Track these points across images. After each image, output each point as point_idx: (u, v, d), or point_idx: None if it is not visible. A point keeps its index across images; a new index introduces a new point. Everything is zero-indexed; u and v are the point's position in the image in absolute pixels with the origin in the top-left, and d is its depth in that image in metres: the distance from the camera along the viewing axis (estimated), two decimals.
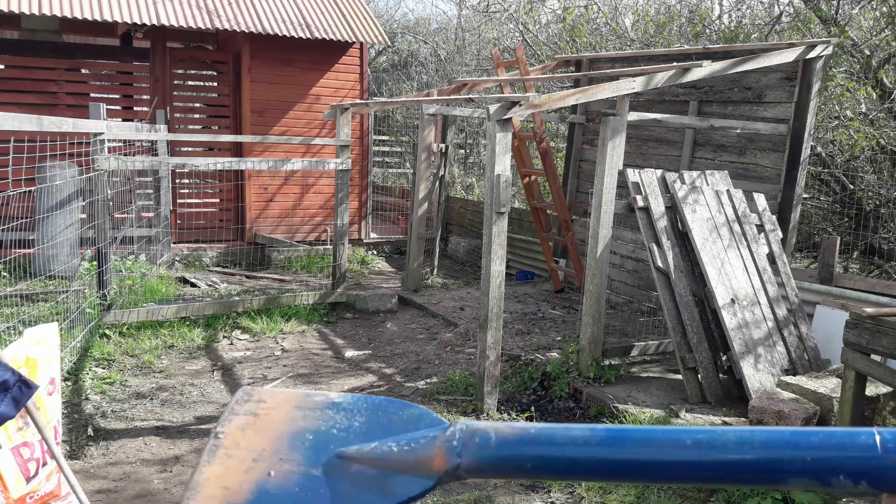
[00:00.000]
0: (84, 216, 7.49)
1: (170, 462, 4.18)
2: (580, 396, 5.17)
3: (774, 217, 5.68)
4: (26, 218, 5.71)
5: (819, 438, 0.69)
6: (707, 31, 10.35)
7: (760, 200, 5.62)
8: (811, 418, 4.05)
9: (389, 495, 0.83)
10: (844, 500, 3.66)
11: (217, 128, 10.19)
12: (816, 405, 4.13)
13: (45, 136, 5.25)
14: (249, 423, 0.90)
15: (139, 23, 8.51)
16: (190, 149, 10.14)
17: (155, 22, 8.57)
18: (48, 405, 2.96)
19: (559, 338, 6.30)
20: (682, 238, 5.29)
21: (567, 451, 0.77)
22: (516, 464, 0.79)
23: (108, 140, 6.24)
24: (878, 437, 0.67)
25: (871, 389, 3.97)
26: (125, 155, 7.35)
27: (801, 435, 0.70)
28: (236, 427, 0.90)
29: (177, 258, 9.07)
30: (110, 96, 9.89)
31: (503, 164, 4.84)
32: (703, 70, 5.41)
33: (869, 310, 3.74)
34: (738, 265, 5.19)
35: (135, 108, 9.93)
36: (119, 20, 8.41)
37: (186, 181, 9.98)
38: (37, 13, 8.04)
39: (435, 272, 9.29)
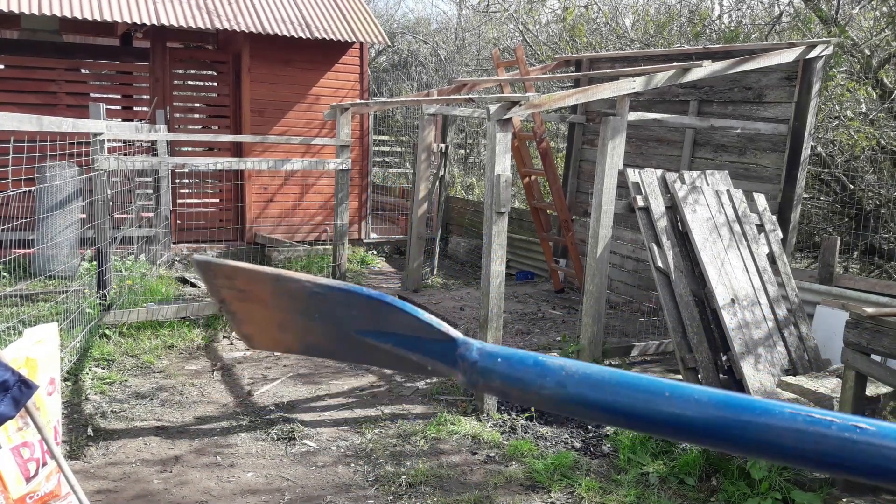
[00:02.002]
0: (84, 216, 7.49)
1: (170, 462, 4.17)
2: None
3: (774, 217, 5.68)
4: (26, 218, 5.71)
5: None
6: (707, 31, 10.35)
7: (760, 200, 5.62)
8: None
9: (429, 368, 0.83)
10: (845, 500, 3.66)
11: (217, 128, 10.19)
12: (817, 405, 4.13)
13: (45, 136, 5.25)
14: (240, 297, 0.87)
15: (139, 23, 8.51)
16: (190, 149, 10.14)
17: (155, 22, 8.56)
18: (48, 405, 2.96)
19: (559, 338, 6.29)
20: (683, 238, 5.28)
21: (599, 395, 0.73)
22: (533, 402, 0.77)
23: (108, 140, 6.23)
24: None
25: (872, 389, 3.97)
26: (125, 155, 7.35)
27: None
28: (233, 298, 0.87)
29: (177, 258, 9.07)
30: (110, 96, 9.89)
31: (503, 164, 4.84)
32: (703, 70, 5.41)
33: (869, 310, 3.74)
34: (739, 265, 5.19)
35: (135, 108, 9.92)
36: (119, 20, 8.41)
37: (186, 181, 9.98)
38: (37, 13, 8.03)
39: (435, 272, 9.29)
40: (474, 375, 0.78)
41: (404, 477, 4.05)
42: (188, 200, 9.83)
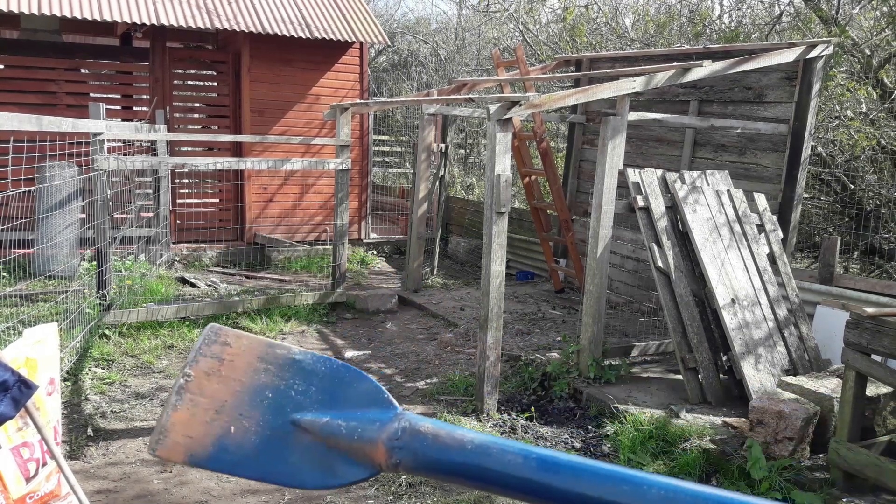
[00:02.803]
0: (84, 216, 7.48)
1: (170, 462, 4.17)
2: (580, 397, 5.16)
3: (775, 217, 5.68)
4: (26, 218, 5.70)
5: None
6: (707, 30, 10.34)
7: (761, 200, 5.62)
8: (811, 418, 4.05)
9: (333, 476, 0.90)
10: (845, 500, 3.65)
11: (217, 128, 10.18)
12: (817, 405, 4.13)
13: (45, 136, 5.24)
14: (215, 368, 0.94)
15: (139, 23, 8.50)
16: (189, 149, 10.13)
17: (154, 22, 8.56)
18: (48, 405, 2.95)
19: (559, 338, 6.29)
20: (683, 238, 5.28)
21: (500, 468, 0.80)
22: (450, 473, 0.84)
23: (108, 140, 6.23)
24: None
25: (872, 389, 3.97)
26: (125, 155, 7.35)
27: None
28: (203, 371, 0.94)
29: (176, 258, 9.06)
30: (110, 96, 9.88)
31: (503, 164, 4.84)
32: (704, 70, 5.40)
33: (870, 310, 3.73)
34: (739, 265, 5.18)
35: (134, 108, 9.92)
36: (119, 20, 8.41)
37: (186, 181, 9.97)
38: (37, 13, 8.03)
39: (435, 272, 9.28)
40: (403, 426, 0.86)
41: (404, 477, 4.04)
42: (188, 200, 9.82)
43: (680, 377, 5.22)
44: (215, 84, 10.34)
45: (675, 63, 5.84)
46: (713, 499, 0.71)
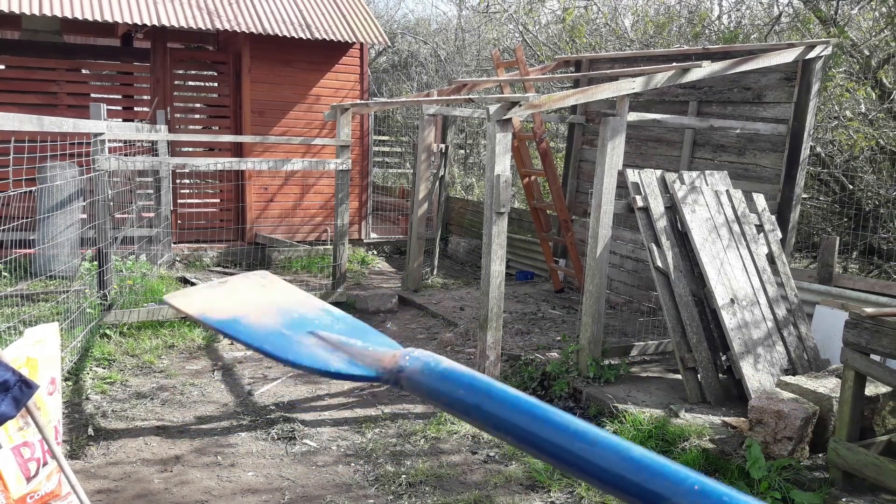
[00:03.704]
0: (84, 216, 7.50)
1: (170, 462, 4.18)
2: (580, 396, 5.17)
3: (774, 217, 5.69)
4: (27, 218, 5.72)
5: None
6: (706, 31, 10.36)
7: (760, 200, 5.63)
8: (811, 418, 4.06)
9: (333, 366, 0.93)
10: (844, 500, 3.66)
11: (217, 128, 10.20)
12: (816, 405, 4.14)
13: (46, 137, 5.26)
14: (254, 283, 1.03)
15: (139, 23, 8.52)
16: (190, 149, 10.15)
17: (155, 22, 8.58)
18: (48, 405, 2.96)
19: (559, 338, 6.30)
20: (682, 238, 5.29)
21: (493, 409, 0.82)
22: (445, 395, 0.86)
23: (109, 140, 6.24)
24: None
25: (871, 389, 3.98)
26: (126, 155, 7.36)
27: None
28: (242, 283, 1.04)
29: (177, 258, 9.08)
30: (111, 97, 9.90)
31: (503, 164, 4.85)
32: (703, 70, 5.41)
33: (868, 310, 3.74)
34: (738, 265, 5.19)
35: (135, 109, 9.93)
36: (119, 21, 8.42)
37: (187, 181, 9.99)
38: (38, 14, 8.05)
39: (435, 272, 9.30)
40: (413, 353, 0.90)
41: (404, 476, 4.05)
42: (189, 200, 9.83)
43: (679, 377, 5.23)
44: (216, 84, 10.36)
45: (674, 63, 5.85)
46: (695, 484, 0.71)
